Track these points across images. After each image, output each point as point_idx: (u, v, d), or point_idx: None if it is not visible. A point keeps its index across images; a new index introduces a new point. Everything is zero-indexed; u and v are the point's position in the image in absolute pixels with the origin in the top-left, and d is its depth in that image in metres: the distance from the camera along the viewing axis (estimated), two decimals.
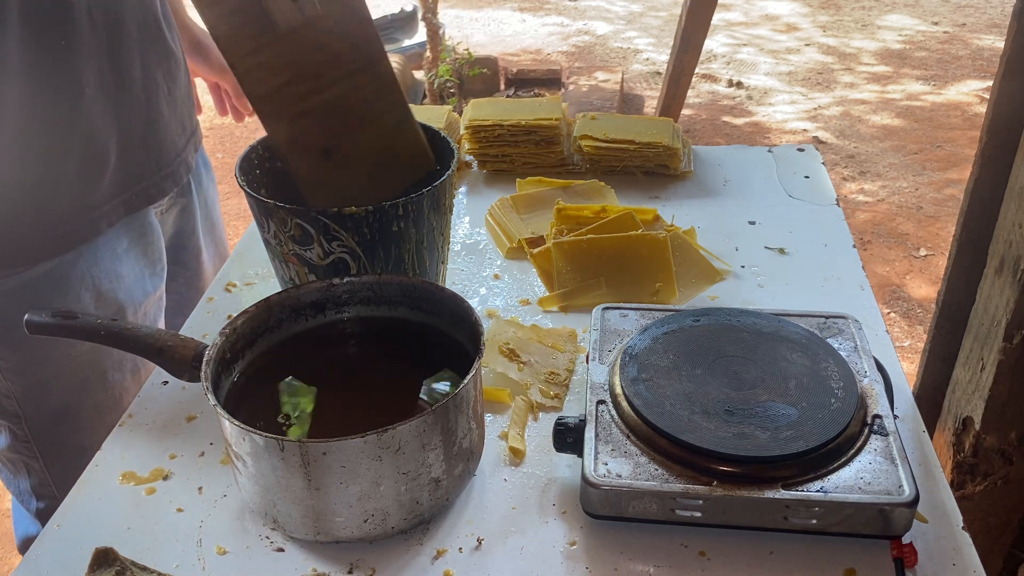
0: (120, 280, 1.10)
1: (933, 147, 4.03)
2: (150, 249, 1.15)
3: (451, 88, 4.24)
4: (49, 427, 1.10)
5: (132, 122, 1.06)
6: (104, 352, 1.07)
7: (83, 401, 1.10)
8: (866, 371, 0.87)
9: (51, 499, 1.15)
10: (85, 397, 1.10)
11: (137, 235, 1.12)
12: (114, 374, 1.12)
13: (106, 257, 1.07)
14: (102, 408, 1.11)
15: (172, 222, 1.23)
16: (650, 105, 4.50)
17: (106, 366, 1.11)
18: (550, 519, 0.81)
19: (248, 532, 0.80)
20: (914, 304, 2.94)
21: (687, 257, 1.15)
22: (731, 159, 1.46)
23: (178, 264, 1.27)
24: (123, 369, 1.13)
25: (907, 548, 0.74)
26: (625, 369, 0.86)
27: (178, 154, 1.16)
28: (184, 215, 1.25)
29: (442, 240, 1.02)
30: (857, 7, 5.98)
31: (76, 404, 1.10)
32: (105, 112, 1.01)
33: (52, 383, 1.08)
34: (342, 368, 0.91)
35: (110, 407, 1.11)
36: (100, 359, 1.10)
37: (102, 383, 1.11)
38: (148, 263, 1.14)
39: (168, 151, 1.14)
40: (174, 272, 1.25)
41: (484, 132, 1.41)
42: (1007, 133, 1.26)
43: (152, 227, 1.15)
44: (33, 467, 1.13)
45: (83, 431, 1.10)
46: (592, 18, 5.94)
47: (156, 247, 1.16)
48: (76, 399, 1.10)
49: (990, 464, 1.31)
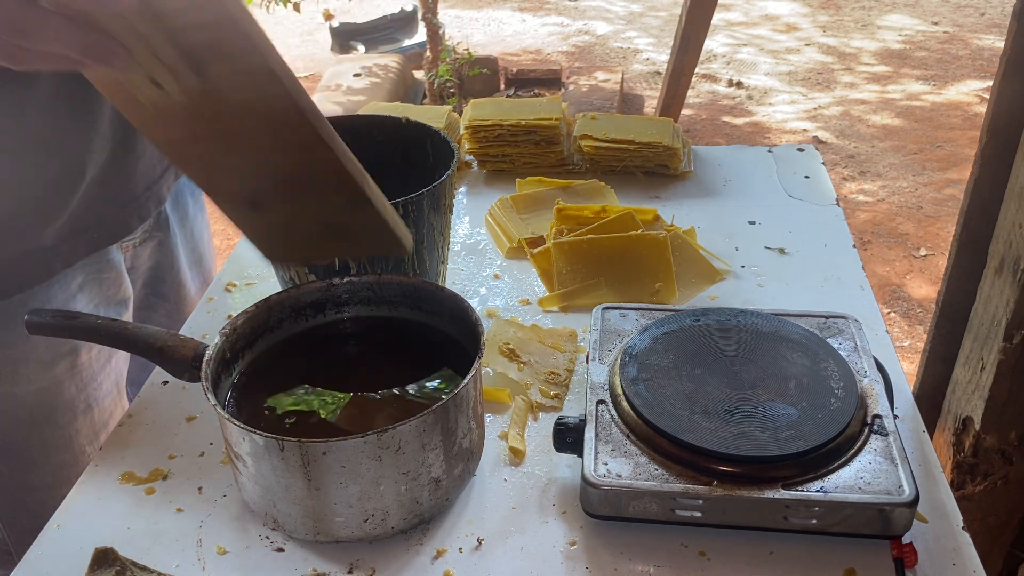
0: None
1: (933, 147, 4.03)
2: (107, 284, 1.07)
3: (451, 88, 4.25)
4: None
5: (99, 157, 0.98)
6: (54, 393, 1.03)
7: (28, 439, 1.05)
8: (866, 371, 0.87)
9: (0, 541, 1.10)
10: (31, 435, 1.05)
11: (94, 271, 1.05)
12: (64, 415, 1.06)
13: (59, 295, 1.01)
14: (50, 446, 1.06)
15: (149, 255, 1.17)
16: (650, 105, 4.50)
17: (55, 407, 1.05)
18: (550, 519, 0.81)
19: (248, 532, 0.80)
20: (914, 304, 2.94)
21: (687, 257, 1.15)
22: (731, 159, 1.46)
23: (158, 296, 1.22)
24: (74, 410, 1.07)
25: (907, 548, 0.74)
26: (625, 369, 0.86)
27: (149, 187, 1.08)
28: (162, 249, 1.18)
29: (442, 240, 1.02)
30: (857, 7, 5.99)
31: (20, 442, 1.05)
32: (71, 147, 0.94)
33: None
34: (342, 368, 0.91)
35: (59, 446, 1.07)
36: (49, 400, 1.04)
37: (49, 423, 1.06)
38: (104, 299, 1.08)
39: (137, 185, 1.06)
40: (154, 304, 1.21)
41: (484, 132, 1.41)
42: (1007, 133, 1.26)
43: (111, 262, 1.07)
44: None
45: (29, 469, 1.06)
46: (592, 18, 5.94)
47: (115, 282, 1.09)
48: (20, 436, 1.05)
49: (990, 464, 1.31)
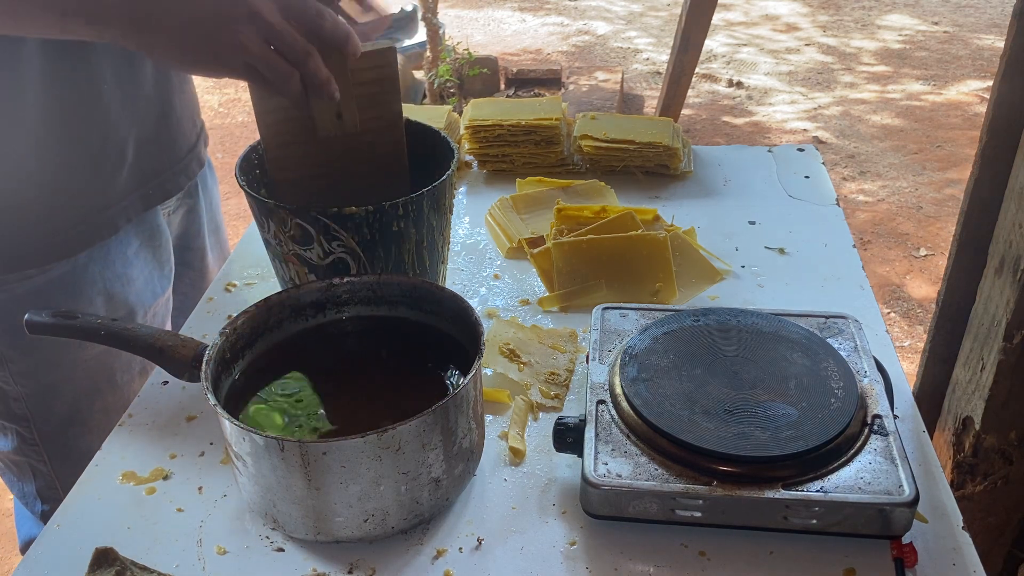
0: (131, 283, 1.10)
1: (933, 147, 4.03)
2: (159, 251, 1.15)
3: (451, 88, 4.25)
4: (58, 430, 1.10)
5: (147, 116, 1.07)
6: (113, 354, 1.07)
7: (92, 404, 1.10)
8: (866, 371, 0.87)
9: (56, 502, 1.13)
10: (94, 400, 1.10)
11: (147, 237, 1.12)
12: (122, 376, 1.12)
13: (117, 260, 1.07)
14: (111, 411, 1.11)
15: (178, 223, 1.24)
16: (650, 105, 4.50)
17: (115, 368, 1.11)
18: (550, 519, 0.81)
19: (248, 532, 0.80)
20: (914, 304, 2.94)
21: (687, 257, 1.15)
22: (731, 159, 1.46)
23: (183, 264, 1.27)
24: (131, 371, 1.13)
25: (907, 548, 0.74)
26: (625, 369, 0.86)
27: (190, 149, 1.17)
28: (190, 216, 1.26)
29: (442, 240, 1.02)
30: (857, 7, 5.99)
31: (85, 407, 1.10)
32: (122, 107, 1.02)
33: (61, 387, 1.08)
34: (342, 368, 0.91)
35: (119, 409, 1.10)
36: (109, 362, 1.09)
37: (111, 385, 1.11)
38: (157, 265, 1.15)
39: (181, 146, 1.15)
40: (180, 272, 1.26)
41: (484, 132, 1.41)
42: (1007, 133, 1.26)
43: (161, 229, 1.15)
44: (40, 470, 1.13)
45: (92, 434, 1.10)
46: (592, 18, 5.94)
47: (165, 249, 1.17)
48: (85, 402, 1.10)
49: (990, 464, 1.31)
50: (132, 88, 1.03)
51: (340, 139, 0.92)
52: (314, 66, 0.81)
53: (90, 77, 0.97)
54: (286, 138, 0.94)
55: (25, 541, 1.23)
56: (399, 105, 0.97)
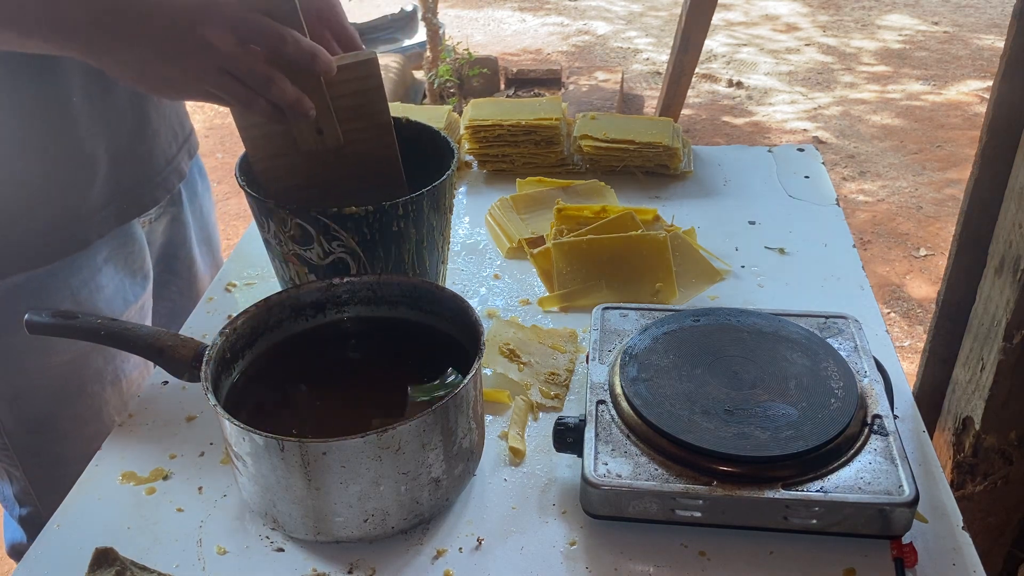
0: (100, 291, 1.07)
1: (933, 147, 4.03)
2: (132, 258, 1.12)
3: (451, 88, 4.24)
4: (26, 436, 1.08)
5: (120, 130, 1.04)
6: (82, 363, 1.06)
7: (62, 411, 1.08)
8: (866, 371, 0.87)
9: (33, 506, 1.14)
10: (64, 408, 1.08)
11: (118, 244, 1.09)
12: (93, 385, 1.09)
13: (85, 268, 1.04)
14: (81, 419, 1.09)
15: (162, 231, 1.21)
16: (650, 105, 4.50)
17: (85, 377, 1.08)
18: (550, 519, 0.81)
19: (248, 532, 0.80)
20: (914, 304, 2.94)
21: (687, 257, 1.15)
22: (731, 159, 1.46)
23: (170, 272, 1.25)
24: (102, 381, 1.10)
25: (907, 548, 0.74)
26: (625, 369, 0.86)
27: (169, 162, 1.14)
28: (175, 225, 1.22)
29: (442, 240, 1.02)
30: (857, 7, 5.98)
31: (54, 415, 1.08)
32: (92, 120, 0.99)
33: (28, 394, 1.06)
34: (342, 368, 0.91)
35: (89, 418, 1.09)
36: (79, 370, 1.07)
37: (81, 394, 1.09)
38: (129, 272, 1.12)
39: (159, 159, 1.11)
40: (166, 280, 1.23)
41: (484, 132, 1.41)
42: (1007, 133, 1.26)
43: (134, 236, 1.12)
44: (14, 475, 1.12)
45: (63, 442, 1.08)
46: (592, 18, 5.94)
47: (138, 256, 1.13)
48: (54, 409, 1.08)
49: (990, 464, 1.31)
50: (103, 101, 1.00)
51: (327, 151, 0.91)
52: (277, 91, 0.80)
53: (57, 89, 0.95)
54: (271, 151, 0.93)
55: (10, 545, 1.22)
56: (387, 115, 0.94)
